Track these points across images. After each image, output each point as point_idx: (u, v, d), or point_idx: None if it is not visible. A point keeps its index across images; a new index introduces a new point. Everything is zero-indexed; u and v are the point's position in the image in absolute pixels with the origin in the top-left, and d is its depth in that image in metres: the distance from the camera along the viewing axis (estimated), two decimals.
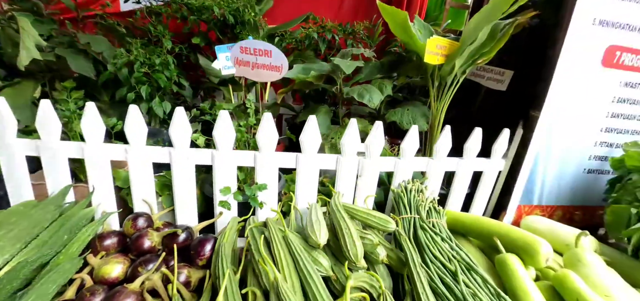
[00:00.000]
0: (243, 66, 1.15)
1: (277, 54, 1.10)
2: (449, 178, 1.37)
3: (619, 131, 1.36)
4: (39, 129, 0.96)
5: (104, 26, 1.80)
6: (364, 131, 1.53)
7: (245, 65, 1.15)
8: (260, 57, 1.12)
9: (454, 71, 1.36)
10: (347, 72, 1.32)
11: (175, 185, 1.08)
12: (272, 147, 1.06)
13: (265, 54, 1.11)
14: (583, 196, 1.44)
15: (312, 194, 1.15)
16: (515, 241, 1.02)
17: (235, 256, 0.93)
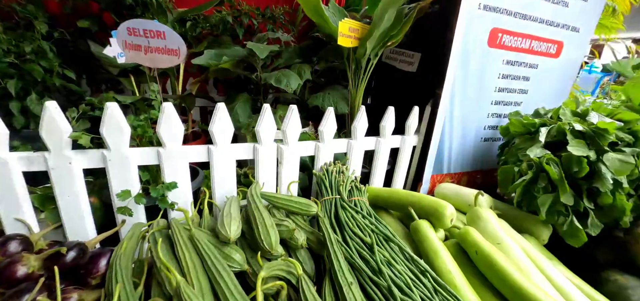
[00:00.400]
0: (134, 51, 1.00)
1: (172, 35, 0.99)
2: (372, 156, 1.43)
3: (505, 103, 1.58)
4: None
5: None
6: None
7: (136, 49, 1.00)
8: (152, 39, 0.99)
9: (366, 53, 1.41)
10: (261, 57, 1.27)
11: (59, 196, 0.91)
12: (177, 141, 0.96)
13: (158, 36, 0.99)
14: (482, 161, 1.66)
15: (231, 188, 1.08)
16: (425, 208, 1.11)
17: (141, 267, 0.82)
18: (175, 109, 0.93)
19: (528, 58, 1.54)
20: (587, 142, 1.14)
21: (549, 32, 1.53)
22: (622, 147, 1.11)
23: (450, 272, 0.93)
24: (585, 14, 1.60)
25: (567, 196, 1.11)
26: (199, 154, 1.02)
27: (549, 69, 1.62)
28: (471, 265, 1.00)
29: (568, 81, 1.73)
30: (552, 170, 1.12)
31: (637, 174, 1.08)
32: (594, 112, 1.23)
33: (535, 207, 1.18)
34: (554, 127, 1.26)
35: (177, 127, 0.94)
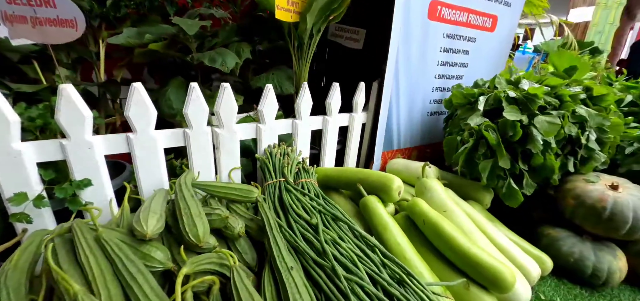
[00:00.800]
0: (19, 25, 0.82)
1: (64, 3, 0.83)
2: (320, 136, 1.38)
3: (447, 77, 1.62)
4: None
5: None
6: None
7: (20, 22, 0.82)
8: (39, 8, 0.82)
9: (308, 28, 1.34)
10: (190, 33, 1.14)
11: None
12: (85, 130, 0.81)
13: (46, 4, 0.82)
14: (429, 136, 1.70)
15: (160, 180, 0.96)
16: (373, 183, 1.09)
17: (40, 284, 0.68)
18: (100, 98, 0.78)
19: (466, 32, 1.58)
20: (520, 108, 1.20)
21: (485, 6, 1.59)
22: (550, 111, 1.18)
23: (399, 244, 0.92)
24: None
25: (504, 160, 1.16)
26: (115, 145, 0.88)
27: (486, 42, 1.69)
28: (420, 235, 1.00)
29: (503, 53, 1.83)
30: (490, 136, 1.16)
31: (563, 134, 1.16)
32: (526, 80, 1.30)
33: (477, 174, 1.22)
34: (491, 95, 1.31)
35: (82, 114, 0.79)
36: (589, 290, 1.05)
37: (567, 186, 1.18)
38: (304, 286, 0.63)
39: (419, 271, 0.85)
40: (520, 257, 0.98)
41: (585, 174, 1.22)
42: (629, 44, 6.87)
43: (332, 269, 0.69)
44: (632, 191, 1.10)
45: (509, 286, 0.81)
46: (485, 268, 0.83)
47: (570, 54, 1.49)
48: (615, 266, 1.03)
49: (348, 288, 0.64)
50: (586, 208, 1.09)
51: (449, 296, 0.81)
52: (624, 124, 1.34)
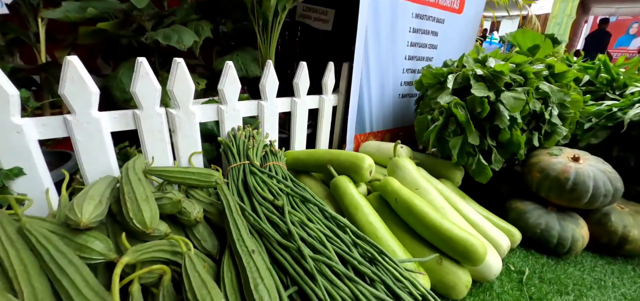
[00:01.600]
0: None
1: None
2: (290, 120, 1.33)
3: (417, 59, 1.62)
4: None
5: None
6: None
7: None
8: None
9: (272, 5, 1.27)
10: (139, 6, 1.04)
11: None
12: (10, 113, 0.71)
13: None
14: (402, 118, 1.69)
15: (108, 167, 0.86)
16: (344, 163, 1.06)
17: None
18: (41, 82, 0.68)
19: (435, 12, 1.58)
20: (487, 85, 1.21)
21: None
22: (515, 87, 1.20)
23: (372, 224, 0.89)
24: None
25: (473, 136, 1.16)
26: (50, 129, 0.78)
27: (454, 23, 1.70)
28: (393, 214, 0.98)
29: (471, 35, 1.86)
30: (460, 113, 1.16)
31: (528, 110, 1.18)
32: (492, 58, 1.32)
33: (448, 152, 1.22)
34: (459, 74, 1.31)
35: (5, 93, 0.68)
36: (554, 258, 1.08)
37: (533, 161, 1.21)
38: (266, 270, 0.58)
39: (392, 249, 0.83)
40: (491, 231, 0.99)
41: (549, 148, 1.26)
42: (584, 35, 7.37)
43: (297, 250, 0.64)
44: (591, 162, 1.14)
45: (481, 258, 0.80)
46: (457, 242, 0.82)
47: (533, 33, 1.53)
48: (578, 234, 1.07)
49: (315, 268, 0.60)
50: (551, 180, 1.12)
51: (423, 271, 0.79)
52: (583, 102, 1.40)
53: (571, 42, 7.27)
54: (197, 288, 0.49)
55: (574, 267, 1.06)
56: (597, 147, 1.36)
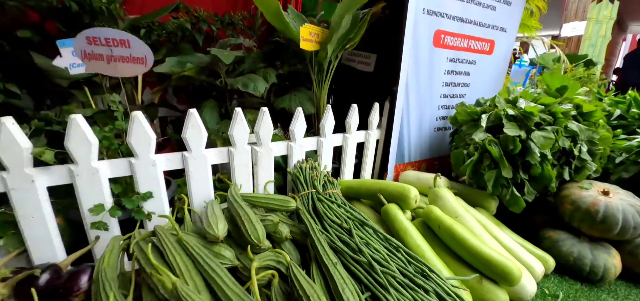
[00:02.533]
0: (95, 60, 0.97)
1: (137, 43, 0.98)
2: (340, 152, 1.52)
3: (451, 96, 1.78)
4: None
5: None
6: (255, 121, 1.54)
7: (97, 59, 0.97)
8: (115, 48, 0.97)
9: (328, 56, 1.50)
10: (227, 63, 1.29)
11: (21, 219, 0.85)
12: (150, 150, 0.95)
13: (122, 44, 0.97)
14: (437, 149, 1.84)
15: (208, 193, 1.09)
16: (392, 193, 1.23)
17: (125, 280, 0.81)
18: None
19: (467, 55, 1.75)
20: (518, 124, 1.35)
21: (483, 32, 1.77)
22: (545, 126, 1.33)
23: (420, 246, 1.05)
24: (509, 16, 1.87)
25: (506, 171, 1.30)
26: (173, 162, 1.02)
27: (485, 64, 1.86)
28: (436, 238, 1.13)
29: (501, 73, 2.00)
30: (494, 150, 1.30)
31: (558, 147, 1.30)
32: (522, 99, 1.46)
33: (483, 183, 1.35)
34: (492, 113, 1.46)
35: (149, 136, 0.93)
36: (588, 285, 1.17)
37: (564, 193, 1.32)
38: (348, 278, 0.76)
39: (438, 268, 0.98)
40: (526, 256, 1.11)
41: (580, 182, 1.36)
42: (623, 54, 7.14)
43: (368, 264, 0.82)
44: (622, 196, 1.23)
45: (516, 280, 0.93)
46: (495, 264, 0.96)
47: (561, 75, 1.65)
48: (611, 264, 1.16)
49: (384, 279, 0.77)
50: (582, 212, 1.22)
51: (466, 289, 0.93)
52: (613, 136, 1.49)
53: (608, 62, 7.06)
54: (306, 288, 0.67)
55: (607, 294, 1.14)
56: (629, 181, 1.44)
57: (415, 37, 1.50)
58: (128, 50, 0.97)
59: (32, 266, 0.90)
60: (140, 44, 0.98)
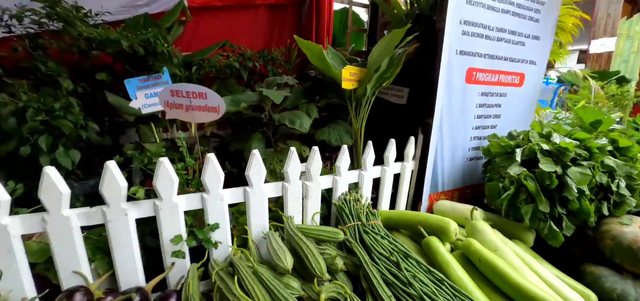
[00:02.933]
0: (175, 109, 1.12)
1: (213, 95, 1.12)
2: (376, 183, 1.60)
3: (483, 127, 1.83)
4: None
5: None
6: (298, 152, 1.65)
7: (177, 108, 1.12)
8: (194, 99, 1.11)
9: (367, 94, 1.60)
10: (277, 102, 1.42)
11: (115, 247, 0.98)
12: (219, 187, 1.07)
13: (200, 96, 1.11)
14: (469, 178, 1.88)
15: (265, 223, 1.20)
16: (432, 226, 1.29)
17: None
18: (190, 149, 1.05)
19: (498, 89, 1.81)
20: (554, 160, 1.38)
21: (513, 66, 1.83)
22: (581, 161, 1.36)
23: (462, 279, 1.10)
24: (539, 49, 1.92)
25: (543, 205, 1.33)
26: (236, 196, 1.13)
27: (515, 96, 1.90)
28: (476, 270, 1.18)
29: (532, 103, 2.03)
30: (530, 184, 1.34)
31: (595, 182, 1.32)
32: (556, 133, 1.49)
33: (520, 216, 1.39)
34: (526, 147, 1.50)
35: (219, 174, 1.05)
36: None
37: (604, 228, 1.33)
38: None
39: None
40: (567, 292, 1.13)
41: (620, 217, 1.36)
42: None
43: (420, 298, 0.88)
44: None
45: None
46: (538, 299, 0.99)
47: (594, 109, 1.67)
48: None
49: None
50: (623, 249, 1.23)
51: None
52: None
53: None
54: None
55: None
56: None
57: (449, 75, 1.58)
58: (204, 101, 1.12)
59: (118, 288, 1.03)
60: (215, 96, 1.12)
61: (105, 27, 1.68)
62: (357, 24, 3.21)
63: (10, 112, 1.25)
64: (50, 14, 1.59)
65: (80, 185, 1.43)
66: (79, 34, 1.54)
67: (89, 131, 1.50)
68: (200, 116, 1.15)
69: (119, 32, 1.63)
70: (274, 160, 1.54)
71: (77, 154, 1.38)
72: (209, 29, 2.51)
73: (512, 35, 1.78)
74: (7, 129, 1.27)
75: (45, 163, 1.31)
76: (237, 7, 2.59)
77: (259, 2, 2.64)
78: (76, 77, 1.63)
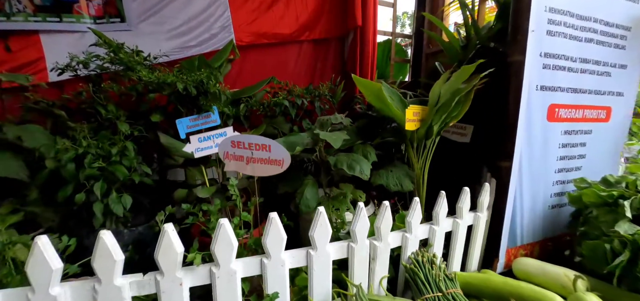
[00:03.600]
0: (235, 161, 1.01)
1: (277, 148, 1.00)
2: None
3: (567, 170, 1.55)
4: None
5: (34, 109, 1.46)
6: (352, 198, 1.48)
7: (237, 159, 1.01)
8: (256, 151, 1.00)
9: (432, 135, 1.41)
10: (337, 147, 1.28)
11: None
12: (281, 251, 0.92)
13: (263, 149, 0.99)
14: (551, 229, 1.58)
15: (328, 289, 1.02)
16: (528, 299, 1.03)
17: None
18: None
19: (583, 126, 1.55)
20: None
21: (598, 100, 1.56)
22: None
23: None
24: (627, 79, 1.64)
25: None
26: (298, 260, 0.98)
27: (602, 132, 1.62)
28: None
29: (620, 140, 1.72)
30: None
31: None
32: None
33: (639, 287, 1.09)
34: (636, 199, 1.21)
35: (283, 238, 0.91)
36: None
37: None
38: None
39: None
40: None
41: None
42: None
43: None
44: None
45: None
46: None
47: None
48: None
49: None
50: None
51: None
52: None
53: None
54: None
55: None
56: None
57: (529, 113, 1.36)
58: (267, 153, 1.00)
59: None
60: (280, 149, 1.00)
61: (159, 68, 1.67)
62: (400, 55, 3.07)
63: (70, 159, 1.22)
64: (113, 59, 1.61)
65: (130, 232, 1.35)
66: (139, 77, 1.53)
67: (141, 175, 1.44)
68: (262, 169, 1.03)
69: (175, 75, 1.60)
70: (329, 208, 1.37)
71: (128, 200, 1.32)
72: (254, 65, 2.50)
73: (596, 65, 1.53)
74: (66, 175, 1.23)
75: (98, 210, 1.25)
76: (282, 44, 2.57)
77: (303, 38, 2.61)
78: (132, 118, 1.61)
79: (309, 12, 2.58)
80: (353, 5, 2.54)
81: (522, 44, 1.33)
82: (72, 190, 1.26)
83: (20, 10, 1.95)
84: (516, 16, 1.37)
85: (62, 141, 1.25)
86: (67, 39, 1.98)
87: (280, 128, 1.87)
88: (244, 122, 1.99)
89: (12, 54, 1.91)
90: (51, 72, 1.87)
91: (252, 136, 0.99)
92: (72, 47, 1.78)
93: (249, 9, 2.41)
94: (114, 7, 2.15)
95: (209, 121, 1.61)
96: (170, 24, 2.22)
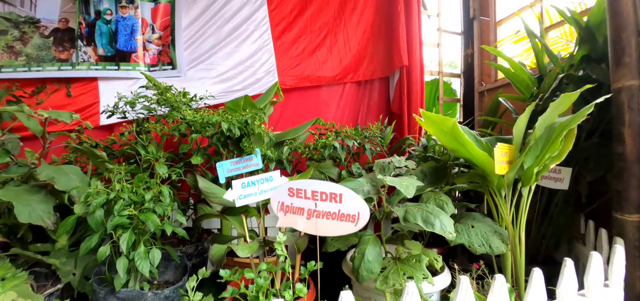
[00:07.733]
0: (292, 214, 0.73)
1: (351, 197, 0.71)
2: None
3: None
4: None
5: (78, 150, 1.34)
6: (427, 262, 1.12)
7: (296, 213, 0.73)
8: (322, 202, 0.72)
9: (531, 179, 1.06)
10: (409, 196, 0.97)
11: None
12: None
13: (332, 199, 0.71)
14: None
15: None
16: None
17: None
18: None
19: None
20: None
21: None
22: None
23: None
24: None
25: None
26: None
27: None
28: None
29: None
30: None
31: None
32: None
33: None
34: None
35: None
36: None
37: None
38: None
39: None
40: None
41: None
42: None
43: None
44: None
45: None
46: None
47: None
48: None
49: None
50: None
51: None
52: None
53: None
54: None
55: None
56: None
57: None
58: (337, 205, 0.72)
59: None
60: (355, 199, 0.72)
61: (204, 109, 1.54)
62: (449, 94, 2.79)
63: (99, 205, 1.02)
64: (160, 100, 1.50)
65: (154, 295, 1.09)
66: (183, 117, 1.38)
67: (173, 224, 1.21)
68: (329, 227, 0.73)
69: (220, 114, 1.44)
70: (397, 274, 1.02)
71: (157, 255, 1.07)
72: (296, 107, 2.35)
73: None
74: (92, 224, 1.03)
75: (122, 269, 1.01)
76: (325, 86, 2.43)
77: (346, 80, 2.45)
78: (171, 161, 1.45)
79: (353, 55, 2.44)
80: (398, 44, 2.37)
81: (630, 66, 1.01)
82: (98, 241, 1.05)
83: (85, 60, 2.00)
84: (616, 34, 1.07)
85: (95, 184, 1.07)
86: (121, 85, 1.96)
87: (328, 173, 1.60)
88: (287, 166, 1.76)
89: (71, 98, 1.92)
90: (102, 115, 1.83)
91: (317, 183, 0.72)
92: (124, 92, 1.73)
93: (293, 54, 2.33)
94: (167, 56, 2.16)
95: (250, 164, 1.40)
96: (217, 70, 2.17)
